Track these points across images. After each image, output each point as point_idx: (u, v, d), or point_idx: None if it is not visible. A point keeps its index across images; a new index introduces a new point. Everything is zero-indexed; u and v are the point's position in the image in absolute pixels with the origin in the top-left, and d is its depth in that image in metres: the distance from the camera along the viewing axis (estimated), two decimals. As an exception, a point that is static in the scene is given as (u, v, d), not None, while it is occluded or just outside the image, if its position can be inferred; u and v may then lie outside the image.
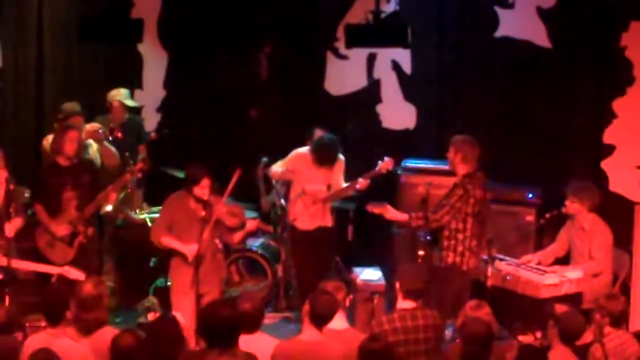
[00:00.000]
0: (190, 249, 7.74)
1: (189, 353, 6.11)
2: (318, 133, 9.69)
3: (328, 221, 9.24)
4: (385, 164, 8.96)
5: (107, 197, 8.72)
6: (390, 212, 8.30)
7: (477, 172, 8.19)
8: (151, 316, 8.52)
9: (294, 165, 9.17)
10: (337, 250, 9.66)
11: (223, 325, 5.53)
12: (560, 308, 7.04)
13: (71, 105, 9.64)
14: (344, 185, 9.12)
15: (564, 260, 8.64)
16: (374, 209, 8.33)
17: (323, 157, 9.01)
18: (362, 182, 8.92)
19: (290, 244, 9.47)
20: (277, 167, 9.27)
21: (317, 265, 8.97)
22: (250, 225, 8.26)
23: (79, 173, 8.54)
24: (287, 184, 9.58)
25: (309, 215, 9.12)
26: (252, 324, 6.15)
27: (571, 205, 8.40)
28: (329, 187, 9.11)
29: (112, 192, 8.65)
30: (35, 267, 7.98)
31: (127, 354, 5.61)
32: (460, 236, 8.08)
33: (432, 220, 8.10)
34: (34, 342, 6.03)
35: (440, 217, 8.07)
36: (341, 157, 9.17)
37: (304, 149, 9.20)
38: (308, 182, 9.10)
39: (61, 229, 8.44)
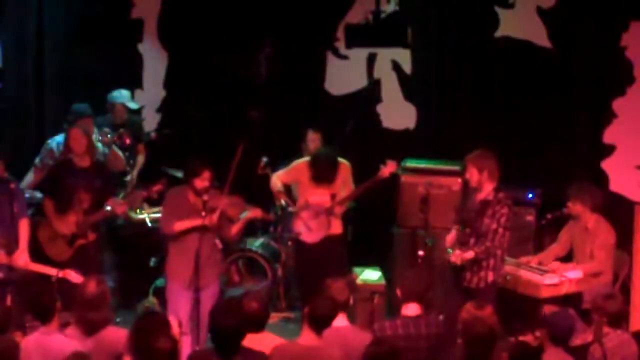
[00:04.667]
0: (210, 218, 7.66)
1: (198, 353, 6.10)
2: (311, 136, 9.74)
3: (336, 228, 9.05)
4: (388, 168, 8.88)
5: (121, 206, 8.65)
6: (457, 257, 7.90)
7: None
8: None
9: (294, 177, 9.09)
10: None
11: (229, 333, 5.52)
12: (548, 309, 7.04)
13: (80, 107, 9.66)
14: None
15: (565, 259, 8.63)
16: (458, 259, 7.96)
17: (320, 174, 8.87)
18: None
19: (295, 257, 9.34)
20: (277, 179, 9.15)
21: (324, 275, 8.54)
22: (252, 212, 8.21)
23: (92, 176, 8.54)
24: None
25: (312, 228, 9.00)
26: (259, 323, 6.13)
27: (574, 207, 8.39)
28: (332, 196, 8.94)
29: (123, 205, 8.60)
30: (36, 268, 7.99)
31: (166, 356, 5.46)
32: (499, 252, 7.91)
33: (494, 249, 7.87)
34: (28, 343, 6.02)
35: (501, 244, 7.89)
36: (345, 163, 9.04)
37: (304, 160, 9.07)
38: (311, 194, 8.98)
39: (65, 226, 8.44)
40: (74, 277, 7.59)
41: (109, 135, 9.58)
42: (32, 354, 5.78)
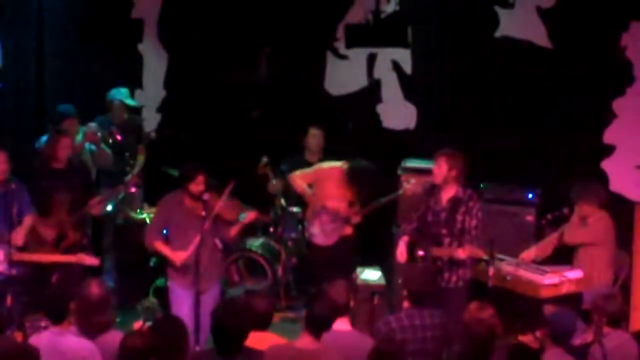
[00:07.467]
0: (178, 256, 7.82)
1: (199, 353, 6.11)
2: (313, 131, 9.86)
3: (348, 230, 9.11)
4: (411, 187, 8.99)
5: (98, 205, 8.68)
6: (469, 251, 7.87)
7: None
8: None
9: (317, 180, 9.06)
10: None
11: (231, 333, 5.55)
12: (548, 309, 7.02)
13: (65, 108, 9.63)
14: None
15: (564, 256, 8.60)
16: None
17: (362, 190, 8.88)
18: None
19: (310, 260, 9.34)
20: (300, 181, 9.10)
21: (333, 276, 8.42)
22: (249, 216, 8.26)
23: (71, 176, 8.56)
24: (285, 183, 9.61)
25: (327, 232, 9.02)
26: (265, 321, 6.14)
27: (581, 210, 8.33)
28: (350, 203, 8.98)
29: (103, 201, 8.63)
30: (49, 258, 8.02)
31: (135, 355, 5.54)
32: None
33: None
34: (40, 343, 5.95)
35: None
36: None
37: (333, 166, 9.05)
38: (329, 198, 8.98)
39: (49, 232, 8.40)
40: (89, 260, 7.61)
41: (98, 134, 9.53)
42: (44, 354, 5.75)
